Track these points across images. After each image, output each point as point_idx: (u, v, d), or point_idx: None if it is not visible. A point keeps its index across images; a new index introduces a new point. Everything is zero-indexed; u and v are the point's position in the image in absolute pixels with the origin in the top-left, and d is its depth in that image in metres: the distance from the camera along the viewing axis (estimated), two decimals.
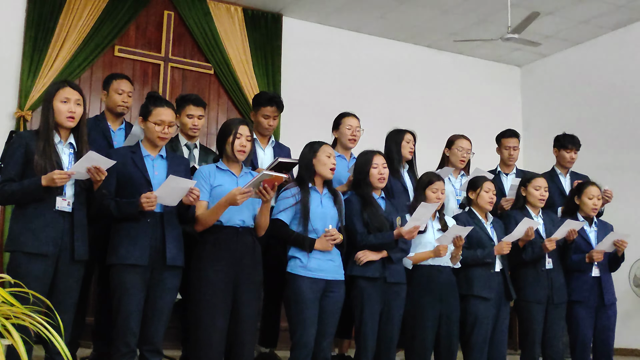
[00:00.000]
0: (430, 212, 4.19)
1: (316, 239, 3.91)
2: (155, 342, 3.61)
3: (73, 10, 6.89)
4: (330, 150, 4.09)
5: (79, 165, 3.34)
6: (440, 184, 4.43)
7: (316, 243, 3.90)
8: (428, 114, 8.35)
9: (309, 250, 3.88)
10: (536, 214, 4.81)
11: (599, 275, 4.82)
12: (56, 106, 3.45)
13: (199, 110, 4.49)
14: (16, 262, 3.36)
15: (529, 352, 4.69)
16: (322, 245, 3.90)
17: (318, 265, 3.89)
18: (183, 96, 4.62)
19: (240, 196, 3.57)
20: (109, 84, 4.58)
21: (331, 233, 3.90)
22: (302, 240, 3.89)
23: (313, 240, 3.90)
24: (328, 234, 3.90)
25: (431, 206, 4.18)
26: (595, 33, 8.26)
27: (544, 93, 9.04)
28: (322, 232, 3.92)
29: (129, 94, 4.59)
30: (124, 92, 4.55)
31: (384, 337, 4.13)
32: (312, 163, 4.03)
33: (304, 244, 3.89)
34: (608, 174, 6.91)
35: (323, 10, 7.92)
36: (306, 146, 4.11)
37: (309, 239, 3.90)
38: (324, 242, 3.90)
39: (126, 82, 4.61)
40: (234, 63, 7.58)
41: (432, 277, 4.33)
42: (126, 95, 4.56)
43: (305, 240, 3.89)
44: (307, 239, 3.89)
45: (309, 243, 3.89)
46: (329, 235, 3.89)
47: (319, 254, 3.91)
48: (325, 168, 4.03)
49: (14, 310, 2.31)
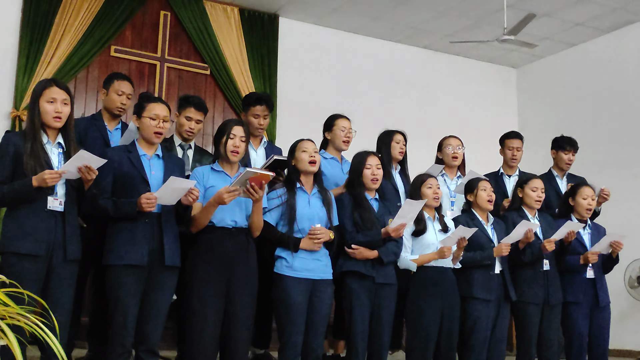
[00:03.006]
0: (417, 209, 4.18)
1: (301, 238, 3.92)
2: (151, 343, 3.60)
3: (69, 10, 6.88)
4: (306, 144, 4.07)
5: (70, 164, 3.33)
6: (434, 180, 4.45)
7: (301, 243, 3.91)
8: (424, 115, 8.36)
9: (293, 250, 3.89)
10: (532, 216, 4.82)
11: (593, 277, 4.84)
12: (42, 106, 3.43)
13: (198, 114, 4.48)
14: (9, 263, 3.34)
15: (524, 353, 4.69)
16: (307, 245, 3.91)
17: (303, 265, 3.90)
18: (187, 97, 4.59)
19: (227, 195, 3.57)
20: (110, 84, 4.52)
21: (316, 232, 3.90)
22: (287, 240, 3.91)
23: (298, 240, 3.91)
24: (313, 232, 3.90)
25: (417, 203, 4.18)
26: (591, 35, 8.28)
27: (540, 94, 9.06)
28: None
29: (128, 96, 4.54)
30: (124, 94, 4.51)
31: (374, 338, 4.13)
32: (292, 163, 4.06)
33: (289, 244, 3.90)
34: (604, 174, 6.93)
35: (319, 11, 7.91)
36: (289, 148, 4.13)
37: (294, 239, 3.91)
38: (309, 242, 3.91)
39: (127, 84, 4.56)
40: (230, 63, 7.57)
41: (434, 278, 4.33)
42: (125, 97, 4.52)
43: (290, 240, 3.90)
44: (291, 239, 3.90)
45: (294, 242, 3.90)
46: (313, 235, 3.89)
47: (304, 254, 3.92)
48: (304, 163, 4.03)
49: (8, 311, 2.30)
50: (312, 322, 3.91)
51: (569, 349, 4.84)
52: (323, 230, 3.95)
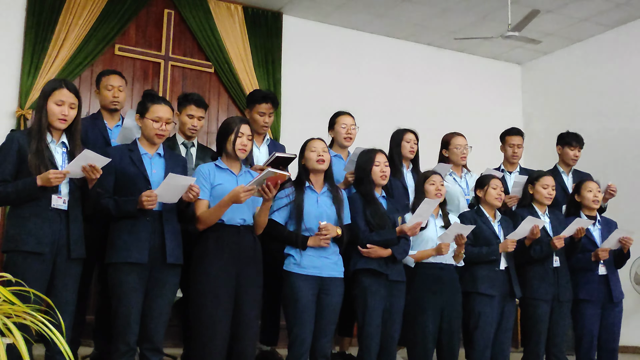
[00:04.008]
0: (433, 207, 4.21)
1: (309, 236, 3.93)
2: (156, 341, 3.60)
3: (73, 9, 6.89)
4: (315, 144, 4.09)
5: (75, 164, 3.33)
6: (437, 177, 4.45)
7: (309, 240, 3.92)
8: (428, 112, 8.34)
9: (301, 247, 3.90)
10: (543, 212, 4.81)
11: (605, 274, 4.83)
12: (50, 107, 3.44)
13: (200, 111, 4.48)
14: (14, 261, 3.34)
15: (533, 349, 4.68)
16: (314, 242, 3.92)
17: (311, 263, 3.91)
18: (186, 95, 4.60)
19: (243, 194, 3.57)
20: (99, 81, 4.57)
21: (324, 229, 3.91)
22: (294, 238, 3.92)
23: (306, 238, 3.92)
24: (321, 230, 3.91)
25: (433, 202, 4.21)
26: (595, 31, 8.26)
27: (544, 91, 9.04)
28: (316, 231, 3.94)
29: (119, 88, 4.53)
30: (114, 88, 4.51)
31: (386, 336, 4.14)
32: (302, 162, 4.09)
33: (297, 242, 3.91)
34: (609, 170, 6.92)
35: (323, 9, 7.91)
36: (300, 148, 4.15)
37: (302, 237, 3.92)
38: (317, 240, 3.92)
39: (115, 77, 4.56)
40: (234, 61, 7.58)
41: (434, 275, 4.33)
42: (116, 90, 4.52)
43: (298, 238, 3.91)
44: (299, 237, 3.91)
45: (302, 240, 3.91)
46: (321, 233, 3.90)
47: (312, 252, 3.93)
48: (312, 162, 4.05)
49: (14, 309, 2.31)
50: (321, 320, 3.91)
51: (579, 346, 4.82)
52: (330, 226, 3.95)
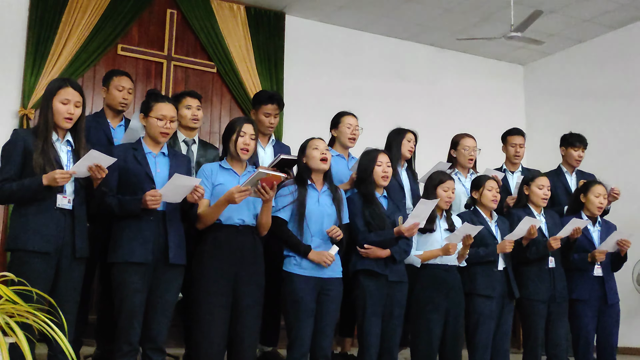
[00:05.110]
0: (430, 209, 4.19)
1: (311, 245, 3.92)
2: (158, 341, 3.61)
3: (76, 8, 6.89)
4: (317, 142, 4.10)
5: (81, 164, 3.34)
6: (451, 182, 4.45)
7: (310, 253, 3.92)
8: (431, 113, 8.34)
9: (303, 256, 3.91)
10: (538, 213, 4.81)
11: (601, 275, 4.82)
12: (55, 106, 3.44)
13: (195, 101, 4.49)
14: (18, 260, 3.35)
15: (531, 350, 4.68)
16: (316, 258, 3.90)
17: (311, 264, 3.91)
18: (177, 93, 4.67)
19: (238, 194, 3.57)
20: (109, 81, 4.56)
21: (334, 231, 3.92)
22: (297, 246, 3.91)
23: (308, 249, 3.91)
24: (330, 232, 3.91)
25: (430, 203, 4.19)
26: (598, 31, 8.24)
27: (547, 91, 9.03)
28: (316, 233, 3.94)
29: (129, 90, 4.56)
30: (124, 89, 4.53)
31: (386, 336, 4.14)
32: (304, 161, 4.08)
33: (299, 250, 3.91)
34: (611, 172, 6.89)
35: (326, 9, 7.91)
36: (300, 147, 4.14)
37: (304, 246, 3.91)
38: (319, 257, 3.90)
39: (126, 79, 4.58)
40: (237, 61, 7.57)
41: (438, 276, 4.34)
42: (126, 92, 4.54)
43: (301, 247, 3.91)
44: (302, 246, 3.91)
45: (304, 250, 3.91)
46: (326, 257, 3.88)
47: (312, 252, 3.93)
48: (315, 161, 4.05)
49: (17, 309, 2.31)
50: (321, 321, 3.92)
51: (577, 346, 4.83)
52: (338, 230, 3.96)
